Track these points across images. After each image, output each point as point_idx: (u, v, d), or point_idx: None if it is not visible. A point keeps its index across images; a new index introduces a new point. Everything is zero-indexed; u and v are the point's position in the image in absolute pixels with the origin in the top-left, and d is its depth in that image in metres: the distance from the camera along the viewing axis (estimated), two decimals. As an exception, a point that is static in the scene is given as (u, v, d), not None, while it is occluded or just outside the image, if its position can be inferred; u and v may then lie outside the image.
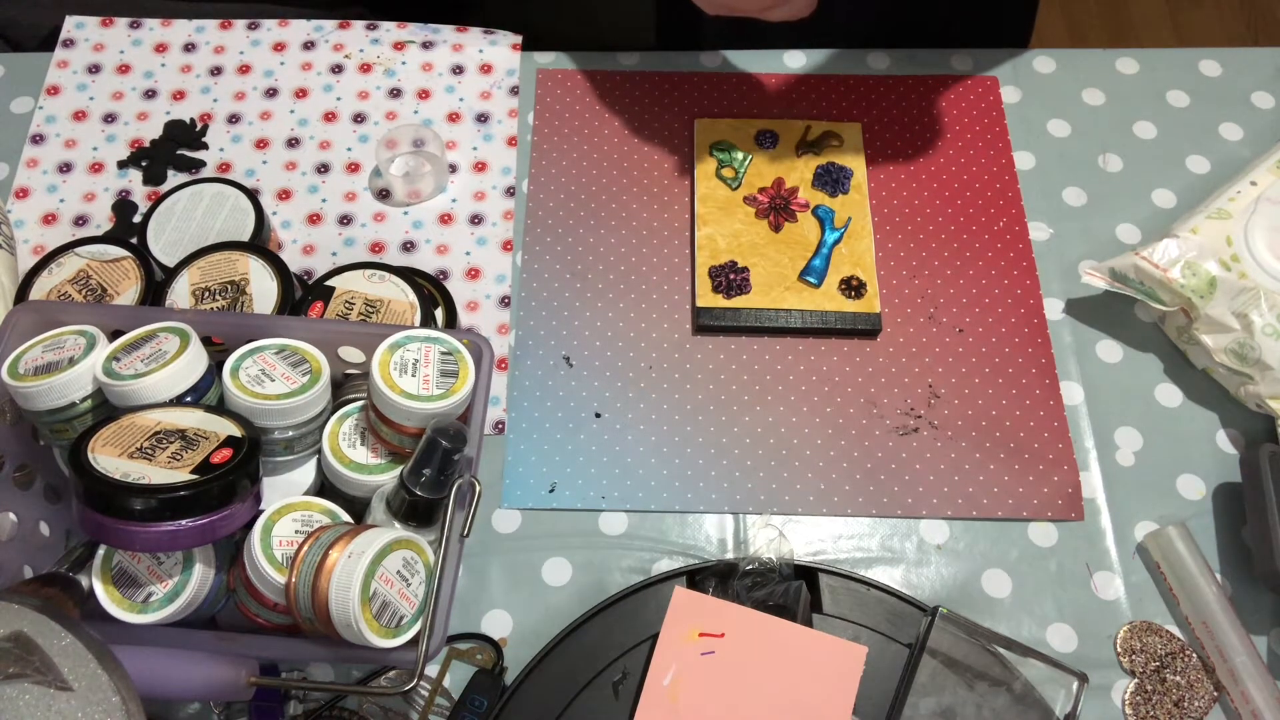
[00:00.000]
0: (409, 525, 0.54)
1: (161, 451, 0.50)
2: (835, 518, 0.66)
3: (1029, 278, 0.74)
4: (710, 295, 0.72)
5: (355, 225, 0.76)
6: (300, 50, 0.84)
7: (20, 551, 0.56)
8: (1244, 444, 0.69)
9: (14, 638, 0.40)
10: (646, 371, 0.71)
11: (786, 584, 0.60)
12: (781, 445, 0.68)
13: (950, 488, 0.67)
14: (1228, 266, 0.67)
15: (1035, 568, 0.65)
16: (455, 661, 0.61)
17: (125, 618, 0.51)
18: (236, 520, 0.51)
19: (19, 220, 0.76)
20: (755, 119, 0.80)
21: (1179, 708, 0.61)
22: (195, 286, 0.65)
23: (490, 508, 0.66)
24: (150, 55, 0.83)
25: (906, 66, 0.84)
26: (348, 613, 0.48)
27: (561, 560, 0.64)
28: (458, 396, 0.55)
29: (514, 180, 0.78)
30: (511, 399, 0.69)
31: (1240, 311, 0.66)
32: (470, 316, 0.73)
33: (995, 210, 0.77)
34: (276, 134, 0.80)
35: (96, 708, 0.39)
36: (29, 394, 0.54)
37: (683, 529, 0.66)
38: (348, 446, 0.57)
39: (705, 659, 0.57)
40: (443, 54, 0.84)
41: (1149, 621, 0.63)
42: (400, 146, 0.78)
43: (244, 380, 0.55)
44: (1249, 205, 0.70)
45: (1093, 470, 0.68)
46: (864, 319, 0.71)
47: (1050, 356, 0.71)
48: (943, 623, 0.59)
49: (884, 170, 0.79)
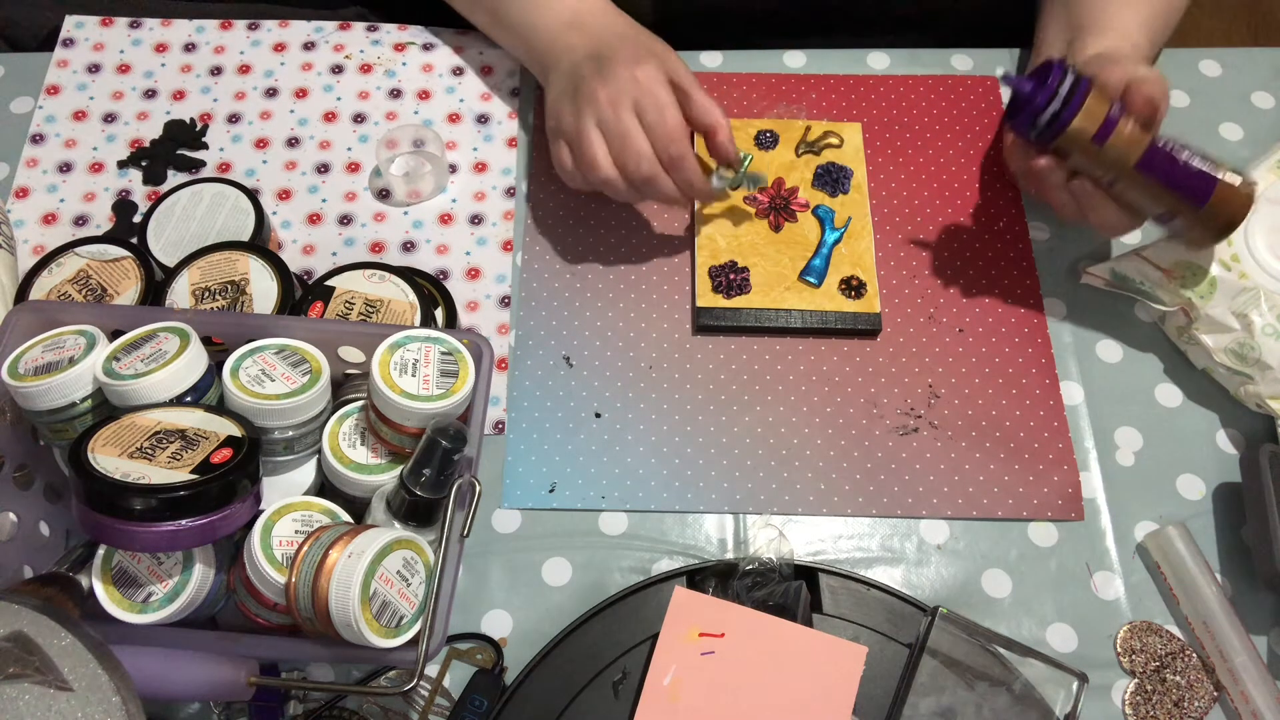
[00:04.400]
0: (409, 525, 0.54)
1: (161, 451, 0.50)
2: (835, 518, 0.66)
3: (1029, 278, 0.74)
4: (710, 295, 0.72)
5: (355, 225, 0.76)
6: (300, 50, 0.84)
7: (20, 551, 0.56)
8: (1244, 444, 0.69)
9: (14, 638, 0.40)
10: (646, 371, 0.71)
11: (786, 584, 0.60)
12: (781, 445, 0.68)
13: (950, 488, 0.67)
14: (1228, 266, 0.67)
15: (1035, 568, 0.65)
16: (455, 661, 0.61)
17: (125, 618, 0.51)
18: (236, 520, 0.51)
19: (19, 220, 0.75)
20: (755, 119, 0.80)
21: (1179, 708, 0.61)
22: (195, 286, 0.65)
23: (490, 508, 0.66)
24: (150, 55, 0.83)
25: (906, 66, 0.84)
26: (348, 613, 0.48)
27: (561, 560, 0.64)
28: (458, 396, 0.55)
29: (514, 181, 0.78)
30: (511, 399, 0.69)
31: (1240, 311, 0.66)
32: (470, 316, 0.73)
33: (995, 210, 0.77)
34: (276, 134, 0.80)
35: (96, 708, 0.39)
36: (29, 394, 0.54)
37: (683, 529, 0.66)
38: (348, 446, 0.57)
39: (705, 659, 0.57)
40: (443, 55, 0.84)
41: (1149, 621, 0.63)
42: (400, 146, 0.78)
43: (244, 380, 0.55)
44: (1249, 205, 0.70)
45: (1093, 470, 0.68)
46: (864, 319, 0.71)
47: (1050, 356, 0.71)
48: (943, 623, 0.59)
49: (884, 170, 0.79)
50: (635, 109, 0.66)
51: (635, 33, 0.72)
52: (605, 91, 0.66)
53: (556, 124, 0.70)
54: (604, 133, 0.66)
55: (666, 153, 0.66)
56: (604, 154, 0.66)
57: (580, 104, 0.67)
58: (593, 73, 0.68)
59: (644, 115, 0.66)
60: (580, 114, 0.67)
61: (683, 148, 0.66)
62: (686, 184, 0.67)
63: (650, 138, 0.66)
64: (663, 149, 0.66)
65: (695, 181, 0.67)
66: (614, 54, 0.68)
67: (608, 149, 0.66)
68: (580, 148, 0.67)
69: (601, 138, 0.66)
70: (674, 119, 0.66)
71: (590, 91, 0.67)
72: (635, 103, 0.66)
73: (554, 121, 0.70)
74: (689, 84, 0.68)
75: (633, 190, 0.68)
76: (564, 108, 0.69)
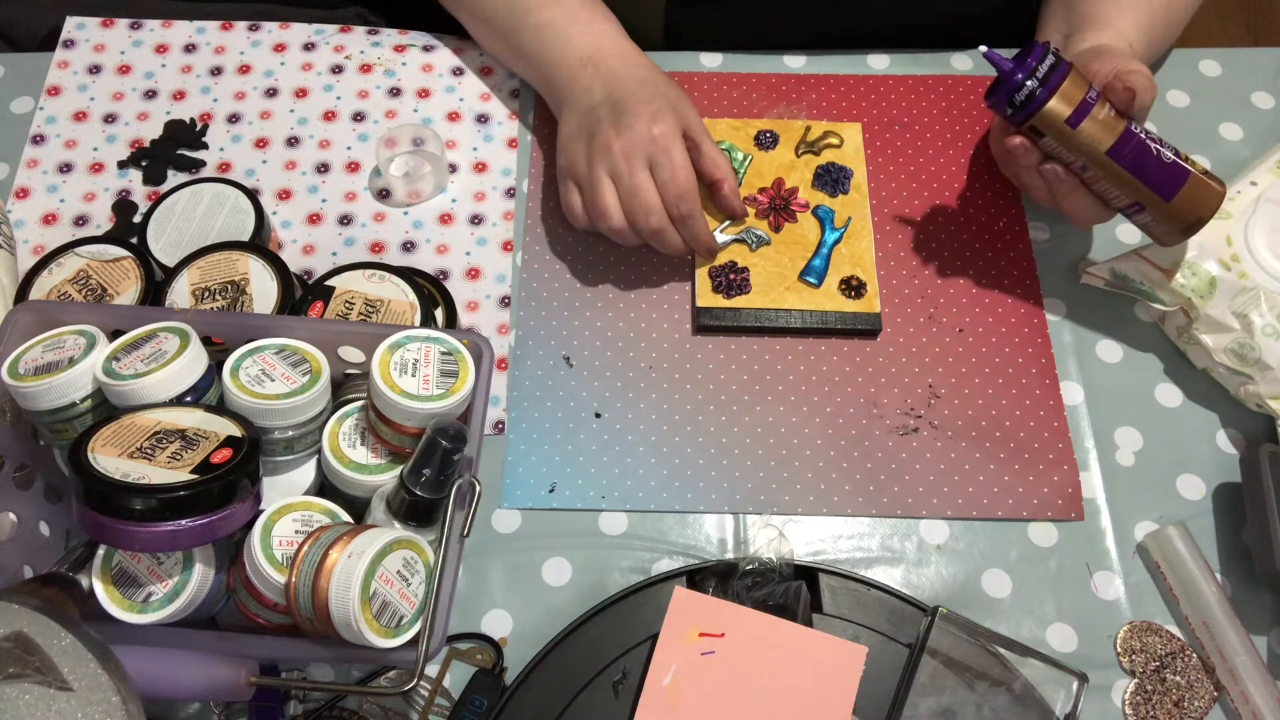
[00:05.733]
0: (409, 525, 0.54)
1: (161, 451, 0.50)
2: (835, 518, 0.66)
3: (1029, 278, 0.74)
4: (710, 295, 0.72)
5: (355, 225, 0.76)
6: (300, 51, 0.84)
7: (20, 551, 0.56)
8: (1244, 444, 0.69)
9: (14, 638, 0.40)
10: (646, 371, 0.71)
11: (786, 584, 0.60)
12: (781, 445, 0.68)
13: (950, 488, 0.67)
14: (1228, 266, 0.67)
15: (1035, 568, 0.65)
16: (455, 661, 0.61)
17: (125, 618, 0.51)
18: (236, 520, 0.51)
19: (19, 220, 0.76)
20: (755, 119, 0.80)
21: (1179, 708, 0.61)
22: (195, 286, 0.65)
23: (490, 508, 0.66)
24: (150, 56, 0.83)
25: (906, 66, 0.84)
26: (348, 613, 0.48)
27: (561, 560, 0.64)
28: (458, 396, 0.55)
29: (514, 181, 0.78)
30: (511, 399, 0.69)
31: (1240, 311, 0.66)
32: (470, 316, 0.73)
33: (995, 210, 0.77)
34: (276, 134, 0.80)
35: (96, 708, 0.39)
36: (29, 394, 0.54)
37: (683, 529, 0.66)
38: (348, 446, 0.57)
39: (705, 659, 0.57)
40: (443, 55, 0.84)
41: (1149, 621, 0.63)
42: (400, 146, 0.78)
43: (244, 380, 0.56)
44: (1249, 205, 0.70)
45: (1093, 470, 0.68)
46: (864, 319, 0.71)
47: (1050, 356, 0.71)
48: (943, 623, 0.59)
49: (884, 170, 0.79)
50: (649, 164, 0.67)
51: (654, 77, 0.72)
52: (620, 143, 0.67)
53: (569, 165, 0.71)
54: (616, 184, 0.68)
55: (677, 209, 0.68)
56: (614, 203, 0.68)
57: (594, 152, 0.68)
58: (609, 121, 0.68)
59: (657, 172, 0.67)
60: (594, 162, 0.68)
61: (693, 206, 0.68)
62: (694, 238, 0.69)
63: (661, 193, 0.68)
64: (673, 205, 0.68)
65: (703, 237, 0.69)
66: (632, 104, 0.69)
67: (619, 199, 0.68)
68: (592, 195, 0.68)
69: (613, 187, 0.68)
70: (686, 178, 0.68)
71: (605, 142, 0.68)
72: (649, 158, 0.67)
73: (565, 161, 0.71)
74: (700, 135, 0.70)
75: (633, 242, 0.70)
76: (578, 151, 0.70)
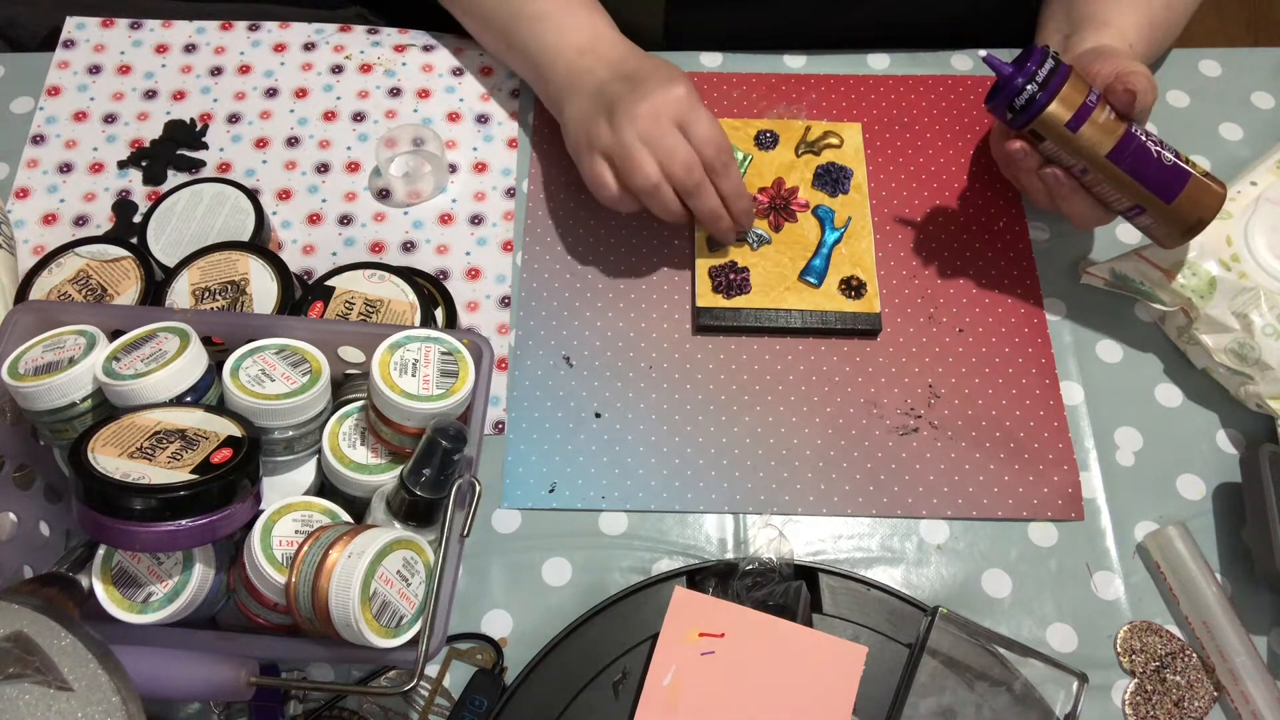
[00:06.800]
0: (409, 525, 0.54)
1: (161, 451, 0.50)
2: (835, 518, 0.66)
3: (1029, 278, 0.74)
4: (710, 295, 0.72)
5: (355, 225, 0.76)
6: (300, 51, 0.84)
7: (20, 551, 0.56)
8: (1244, 444, 0.69)
9: (14, 638, 0.40)
10: (646, 371, 0.71)
11: (786, 584, 0.60)
12: (781, 445, 0.68)
13: (950, 488, 0.67)
14: (1228, 266, 0.67)
15: (1035, 568, 0.65)
16: (455, 661, 0.61)
17: (125, 618, 0.51)
18: (236, 520, 0.51)
19: (19, 220, 0.76)
20: (755, 119, 0.80)
21: (1179, 708, 0.61)
22: (195, 286, 0.65)
23: (490, 508, 0.66)
24: (151, 56, 0.83)
25: (906, 66, 0.84)
26: (348, 613, 0.48)
27: (561, 560, 0.64)
28: (458, 396, 0.55)
29: (514, 181, 0.78)
30: (511, 399, 0.69)
31: (1240, 311, 0.66)
32: (470, 316, 0.73)
33: (995, 210, 0.77)
34: (276, 134, 0.80)
35: (96, 708, 0.39)
36: (29, 394, 0.54)
37: (683, 529, 0.66)
38: (348, 446, 0.57)
39: (705, 659, 0.57)
40: (443, 55, 0.84)
41: (1149, 621, 0.63)
42: (400, 146, 0.78)
43: (244, 380, 0.56)
44: (1249, 205, 0.70)
45: (1093, 470, 0.68)
46: (864, 319, 0.71)
47: (1050, 356, 0.71)
48: (943, 623, 0.59)
49: (884, 170, 0.79)
50: (677, 124, 0.67)
51: (655, 59, 0.72)
52: (645, 108, 0.67)
53: (590, 141, 0.69)
54: (650, 147, 0.67)
55: (715, 163, 0.67)
56: (652, 163, 0.67)
57: (619, 121, 0.67)
58: (626, 92, 0.68)
59: (692, 128, 0.67)
60: (620, 129, 0.67)
61: (729, 159, 0.68)
62: (735, 192, 0.69)
63: (699, 151, 0.67)
64: (712, 160, 0.67)
65: (742, 190, 0.69)
66: (646, 73, 0.69)
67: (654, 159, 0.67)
68: (626, 160, 0.67)
69: (646, 149, 0.67)
70: (720, 131, 0.68)
71: (628, 108, 0.67)
72: (676, 118, 0.67)
73: (586, 139, 0.70)
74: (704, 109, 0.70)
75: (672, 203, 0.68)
76: (598, 126, 0.69)
